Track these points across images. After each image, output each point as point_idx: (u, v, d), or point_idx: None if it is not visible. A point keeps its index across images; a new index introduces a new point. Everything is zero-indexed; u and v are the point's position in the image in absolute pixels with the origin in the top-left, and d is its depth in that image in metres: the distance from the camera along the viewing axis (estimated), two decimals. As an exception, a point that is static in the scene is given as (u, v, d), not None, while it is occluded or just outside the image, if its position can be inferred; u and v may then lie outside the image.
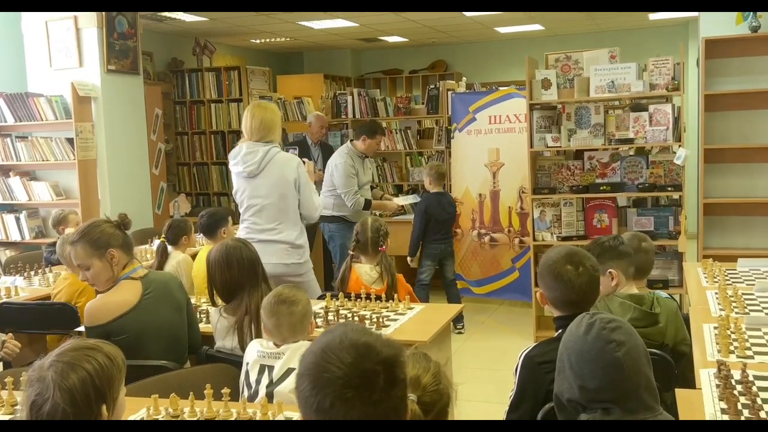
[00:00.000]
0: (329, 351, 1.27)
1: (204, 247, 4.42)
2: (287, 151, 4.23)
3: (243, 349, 2.79)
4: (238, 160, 3.92)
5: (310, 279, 4.07)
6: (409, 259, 5.95)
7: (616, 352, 1.69)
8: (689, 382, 2.25)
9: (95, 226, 2.80)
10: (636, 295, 2.72)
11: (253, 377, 2.45)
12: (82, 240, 2.77)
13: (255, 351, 2.50)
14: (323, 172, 6.83)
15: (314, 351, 1.30)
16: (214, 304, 3.10)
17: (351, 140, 6.15)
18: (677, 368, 2.58)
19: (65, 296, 3.77)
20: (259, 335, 2.79)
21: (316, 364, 1.27)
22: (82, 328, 3.04)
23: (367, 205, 6.03)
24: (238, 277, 2.98)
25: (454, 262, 6.11)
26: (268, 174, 3.89)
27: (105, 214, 5.66)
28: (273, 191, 3.89)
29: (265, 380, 2.42)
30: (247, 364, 2.50)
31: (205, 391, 2.15)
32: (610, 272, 2.76)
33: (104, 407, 1.64)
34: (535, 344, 2.34)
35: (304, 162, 4.05)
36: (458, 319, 6.11)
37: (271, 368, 2.43)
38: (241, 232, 4.01)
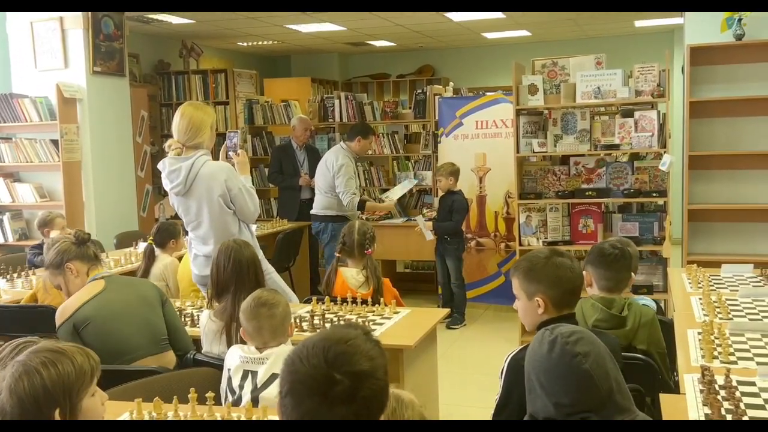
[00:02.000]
0: (307, 345, 1.38)
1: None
2: (228, 138, 3.92)
3: None
4: (165, 176, 3.69)
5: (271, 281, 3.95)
6: (432, 232, 6.07)
7: (583, 364, 1.69)
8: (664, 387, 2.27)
9: (52, 249, 3.07)
10: (607, 298, 2.76)
11: (236, 382, 2.43)
12: (46, 266, 3.10)
13: (237, 356, 2.48)
14: (309, 176, 6.83)
15: (305, 340, 1.42)
16: (210, 305, 3.07)
17: (344, 141, 6.17)
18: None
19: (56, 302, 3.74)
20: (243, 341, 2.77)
21: (293, 352, 1.40)
22: None
23: (362, 205, 6.07)
24: (225, 279, 2.96)
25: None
26: (195, 193, 3.63)
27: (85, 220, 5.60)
28: (202, 211, 3.65)
29: (249, 386, 2.40)
30: (229, 369, 2.48)
31: (189, 395, 2.14)
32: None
33: (57, 411, 1.69)
34: (521, 347, 2.34)
35: (229, 156, 3.79)
36: (456, 320, 6.17)
37: (254, 374, 2.41)
38: (189, 245, 3.88)
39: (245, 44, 10.16)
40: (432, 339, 3.39)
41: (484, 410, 3.04)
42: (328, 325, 3.17)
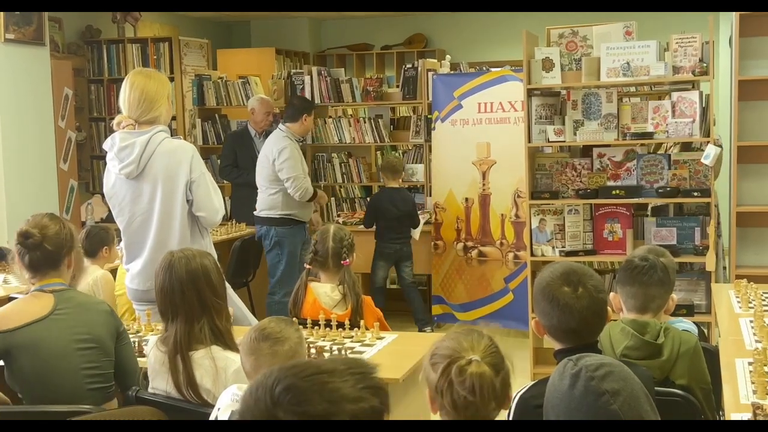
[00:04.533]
0: (266, 372, 1.44)
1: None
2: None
3: (180, 392, 2.76)
4: (113, 156, 3.69)
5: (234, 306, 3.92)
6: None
7: (611, 405, 1.70)
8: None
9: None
10: (639, 322, 2.76)
11: None
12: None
13: (230, 395, 2.48)
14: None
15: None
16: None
17: (283, 123, 6.33)
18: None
19: None
20: (190, 380, 2.75)
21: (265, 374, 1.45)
22: None
23: (314, 195, 6.20)
24: (161, 299, 2.92)
25: (412, 263, 6.64)
26: (150, 174, 3.65)
27: None
28: (155, 198, 3.66)
29: None
30: (218, 409, 2.48)
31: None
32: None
33: None
34: (531, 383, 2.34)
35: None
36: (426, 321, 6.41)
37: None
38: (125, 255, 3.85)
39: (194, 7, 10.13)
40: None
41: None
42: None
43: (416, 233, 6.64)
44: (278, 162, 6.08)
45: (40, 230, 3.00)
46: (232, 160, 7.06)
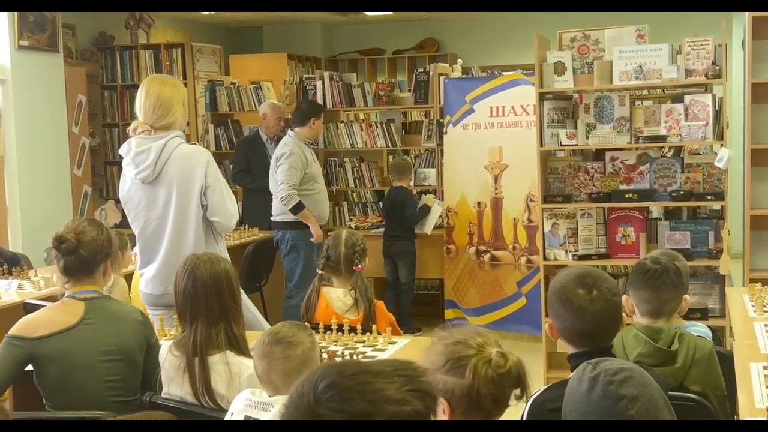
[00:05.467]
0: (315, 369, 1.48)
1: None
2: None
3: (197, 397, 2.77)
4: (129, 161, 3.73)
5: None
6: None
7: (629, 410, 1.69)
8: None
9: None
10: (652, 327, 2.75)
11: None
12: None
13: (243, 399, 2.49)
14: None
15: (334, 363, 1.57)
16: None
17: (292, 129, 6.36)
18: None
19: None
20: (207, 384, 2.76)
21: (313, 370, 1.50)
22: None
23: (298, 208, 6.06)
24: (180, 302, 2.93)
25: (407, 264, 6.72)
26: (165, 179, 3.69)
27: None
28: (171, 202, 3.69)
29: None
30: (231, 414, 2.49)
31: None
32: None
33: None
34: (545, 387, 2.34)
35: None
36: (405, 320, 6.44)
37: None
38: (139, 260, 3.85)
39: (207, 12, 10.16)
40: (436, 375, 3.38)
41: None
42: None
43: (427, 227, 6.77)
44: (278, 165, 6.12)
45: (76, 235, 2.98)
46: (245, 165, 7.07)
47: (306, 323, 3.21)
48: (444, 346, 1.98)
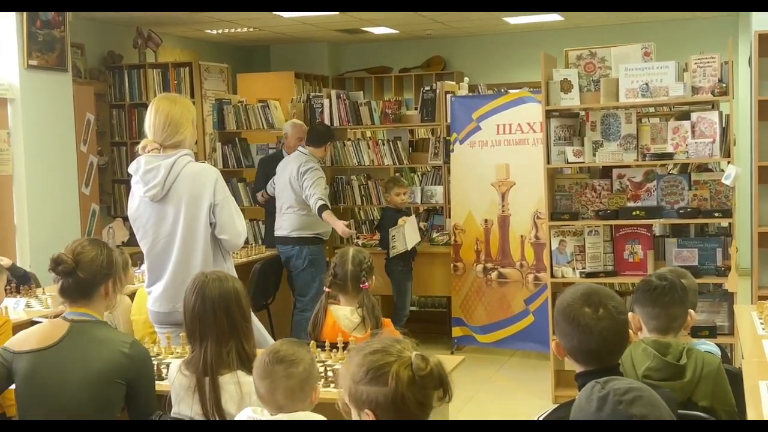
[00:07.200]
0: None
1: (143, 285, 4.38)
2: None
3: (207, 417, 2.75)
4: (138, 179, 3.73)
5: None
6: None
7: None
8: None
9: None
10: (661, 342, 2.75)
11: None
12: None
13: (246, 417, 2.48)
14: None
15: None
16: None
17: (303, 146, 6.47)
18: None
19: None
20: (218, 403, 2.75)
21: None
22: None
23: (322, 209, 6.16)
24: (189, 320, 2.92)
25: (394, 285, 6.59)
26: (174, 197, 3.68)
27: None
28: (179, 220, 3.68)
29: None
30: None
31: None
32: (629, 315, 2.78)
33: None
34: (553, 407, 2.32)
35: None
36: None
37: None
38: (147, 278, 3.84)
39: (214, 32, 10.20)
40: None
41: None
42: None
43: (399, 247, 6.48)
44: (303, 178, 6.22)
45: (74, 257, 2.89)
46: (264, 184, 7.08)
47: (312, 341, 3.21)
48: (363, 356, 1.95)
